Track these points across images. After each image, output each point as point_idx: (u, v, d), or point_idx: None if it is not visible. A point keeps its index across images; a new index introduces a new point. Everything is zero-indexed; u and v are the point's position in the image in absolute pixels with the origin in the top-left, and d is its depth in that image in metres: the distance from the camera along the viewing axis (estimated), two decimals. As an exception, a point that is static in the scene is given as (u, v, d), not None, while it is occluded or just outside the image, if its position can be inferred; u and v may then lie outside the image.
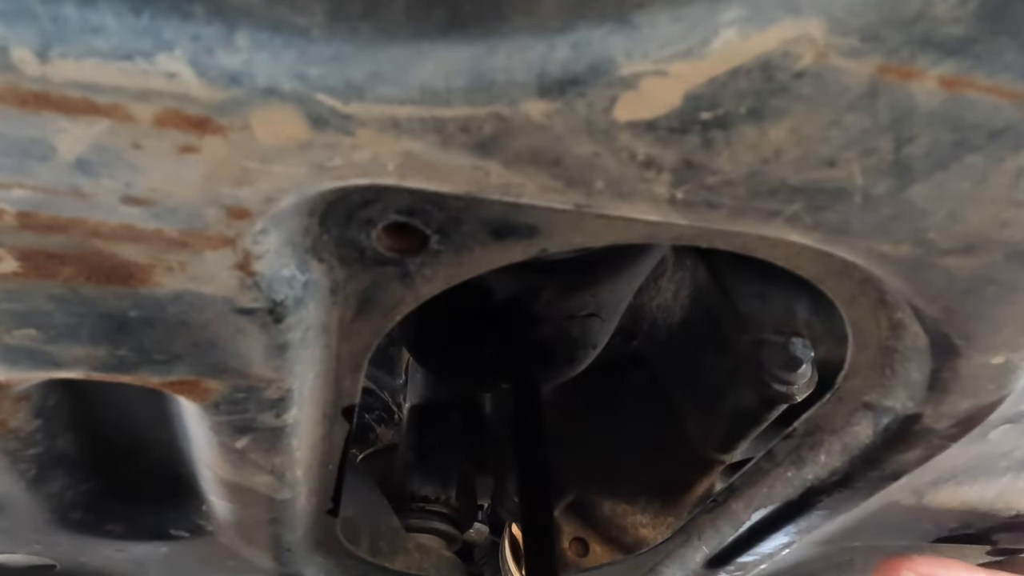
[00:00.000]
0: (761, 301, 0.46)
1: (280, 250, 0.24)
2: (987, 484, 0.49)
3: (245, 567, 0.47)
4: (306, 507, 0.42)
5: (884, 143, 0.20)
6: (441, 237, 0.26)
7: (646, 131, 0.20)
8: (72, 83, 0.18)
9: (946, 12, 0.18)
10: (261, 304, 0.25)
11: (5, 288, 0.24)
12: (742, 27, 0.18)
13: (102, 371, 0.27)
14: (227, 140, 0.20)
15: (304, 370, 0.29)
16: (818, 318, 0.47)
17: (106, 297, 0.24)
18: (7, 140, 0.20)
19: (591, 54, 0.18)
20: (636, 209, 0.22)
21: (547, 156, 0.21)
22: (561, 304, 0.41)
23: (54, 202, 0.21)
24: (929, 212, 0.22)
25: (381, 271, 0.27)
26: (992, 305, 0.26)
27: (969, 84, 0.19)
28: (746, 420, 0.53)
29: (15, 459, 0.34)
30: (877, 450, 0.38)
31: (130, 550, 0.44)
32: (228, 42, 0.18)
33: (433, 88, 0.19)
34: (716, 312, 0.49)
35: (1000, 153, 0.20)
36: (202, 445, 0.34)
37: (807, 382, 0.43)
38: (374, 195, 0.24)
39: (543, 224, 0.26)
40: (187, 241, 0.23)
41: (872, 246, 0.24)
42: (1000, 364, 0.30)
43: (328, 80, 0.19)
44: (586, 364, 0.51)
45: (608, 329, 0.47)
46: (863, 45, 0.18)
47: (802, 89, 0.19)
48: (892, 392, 0.34)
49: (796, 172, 0.21)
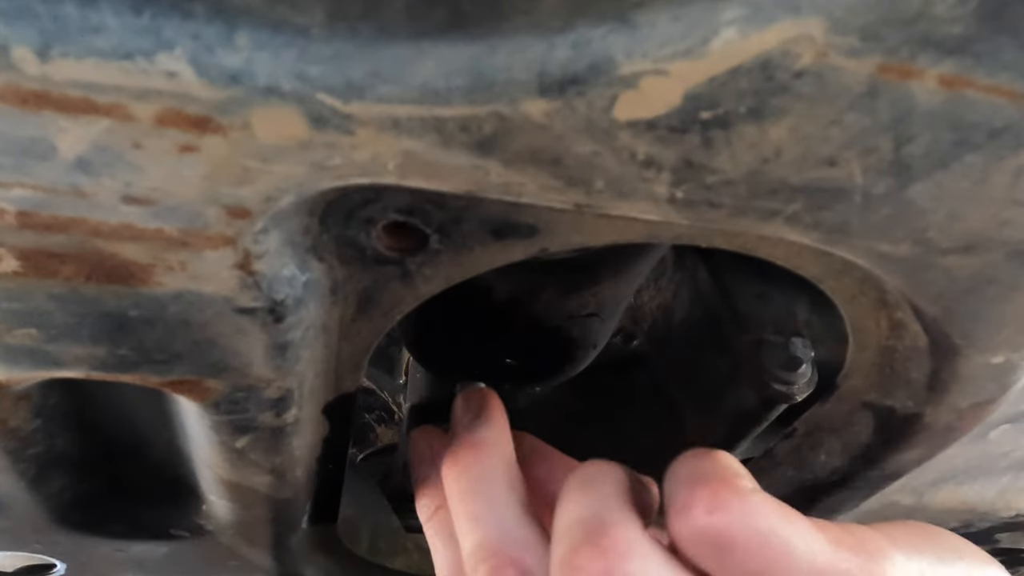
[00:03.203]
0: (761, 301, 0.46)
1: (280, 249, 0.24)
2: (987, 484, 0.49)
3: (245, 567, 0.47)
4: (306, 507, 0.42)
5: (884, 142, 0.20)
6: (441, 236, 0.26)
7: (646, 130, 0.20)
8: (72, 82, 0.18)
9: (946, 11, 0.18)
10: (261, 303, 0.25)
11: (5, 287, 0.24)
12: (742, 26, 0.18)
13: (102, 370, 0.27)
14: (227, 139, 0.20)
15: (304, 370, 0.29)
16: (818, 318, 0.47)
17: (106, 296, 0.24)
18: (7, 139, 0.20)
19: (591, 53, 0.18)
20: (636, 208, 0.22)
21: (547, 155, 0.21)
22: (561, 304, 0.41)
23: (54, 201, 0.21)
24: (929, 211, 0.22)
25: (381, 270, 0.27)
26: (992, 304, 0.26)
27: (969, 83, 0.19)
28: (746, 420, 0.53)
29: (15, 459, 0.34)
30: (877, 450, 0.38)
31: (130, 550, 0.44)
32: (228, 41, 0.18)
33: (433, 87, 0.19)
34: (716, 312, 0.49)
35: (1000, 152, 0.20)
36: (202, 445, 0.34)
37: (807, 382, 0.43)
38: (374, 194, 0.24)
39: (543, 223, 0.26)
40: (187, 240, 0.23)
41: (872, 245, 0.24)
42: (1000, 364, 0.30)
43: (328, 79, 0.19)
44: (586, 364, 0.51)
45: (608, 329, 0.47)
46: (863, 44, 0.18)
47: (802, 88, 0.19)
48: (892, 392, 0.35)
49: (796, 171, 0.21)
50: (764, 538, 0.26)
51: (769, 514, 0.27)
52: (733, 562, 0.26)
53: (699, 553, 0.27)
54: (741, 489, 0.27)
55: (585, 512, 0.29)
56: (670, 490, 0.29)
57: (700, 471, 0.28)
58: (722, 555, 0.26)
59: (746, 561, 0.26)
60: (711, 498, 0.26)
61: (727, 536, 0.26)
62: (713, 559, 0.27)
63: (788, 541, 0.26)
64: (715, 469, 0.28)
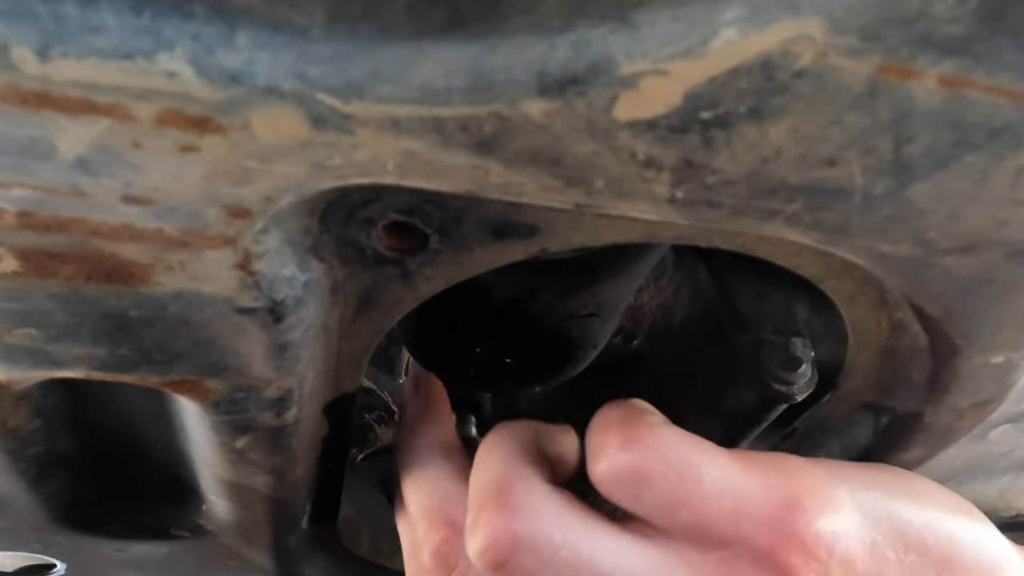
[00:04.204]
0: (761, 301, 0.46)
1: (280, 249, 0.24)
2: (987, 484, 0.49)
3: (245, 567, 0.47)
4: (306, 507, 0.42)
5: (884, 142, 0.20)
6: (441, 236, 0.26)
7: (646, 130, 0.20)
8: (72, 82, 0.18)
9: (946, 11, 0.18)
10: (261, 303, 0.25)
11: (5, 287, 0.24)
12: (742, 26, 0.18)
13: (102, 370, 0.27)
14: (227, 139, 0.20)
15: (304, 370, 0.29)
16: (818, 318, 0.47)
17: (106, 296, 0.24)
18: (7, 139, 0.20)
19: (591, 53, 0.18)
20: (636, 208, 0.22)
21: (547, 155, 0.21)
22: (561, 304, 0.40)
23: (54, 201, 0.21)
24: (929, 211, 0.22)
25: (381, 270, 0.27)
26: (992, 304, 0.26)
27: (969, 83, 0.19)
28: (746, 420, 0.53)
29: (15, 459, 0.34)
30: (877, 450, 0.38)
31: (130, 550, 0.44)
32: (228, 41, 0.18)
33: (433, 87, 0.19)
34: (716, 312, 0.49)
35: (1000, 152, 0.20)
36: (202, 445, 0.34)
37: (807, 382, 0.43)
38: (374, 194, 0.24)
39: (543, 223, 0.26)
40: (187, 240, 0.23)
41: (872, 245, 0.24)
42: (1000, 364, 0.30)
43: (328, 79, 0.19)
44: (586, 364, 0.51)
45: (608, 329, 0.47)
46: (863, 44, 0.18)
47: (802, 88, 0.19)
48: (892, 392, 0.34)
49: (796, 171, 0.21)
50: (678, 468, 0.26)
51: (680, 444, 0.27)
52: (650, 495, 0.26)
53: (617, 493, 0.27)
54: (651, 423, 0.27)
55: (487, 476, 0.30)
56: (588, 440, 0.29)
57: (612, 417, 0.29)
58: (639, 489, 0.26)
59: (662, 492, 0.26)
60: (622, 435, 0.27)
61: (641, 470, 0.26)
62: (630, 496, 0.27)
63: (701, 469, 0.26)
64: (625, 412, 0.29)
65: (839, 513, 0.27)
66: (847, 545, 0.26)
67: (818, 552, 0.26)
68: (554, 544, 0.27)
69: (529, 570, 0.27)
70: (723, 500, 0.26)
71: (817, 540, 0.26)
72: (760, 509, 0.26)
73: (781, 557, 0.25)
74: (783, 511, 0.26)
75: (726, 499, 0.26)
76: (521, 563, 0.27)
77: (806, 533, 0.26)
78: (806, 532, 0.26)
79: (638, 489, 0.26)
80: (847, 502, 0.27)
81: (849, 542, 0.26)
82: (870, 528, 0.27)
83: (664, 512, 0.27)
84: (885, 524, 0.27)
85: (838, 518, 0.26)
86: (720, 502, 0.26)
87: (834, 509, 0.26)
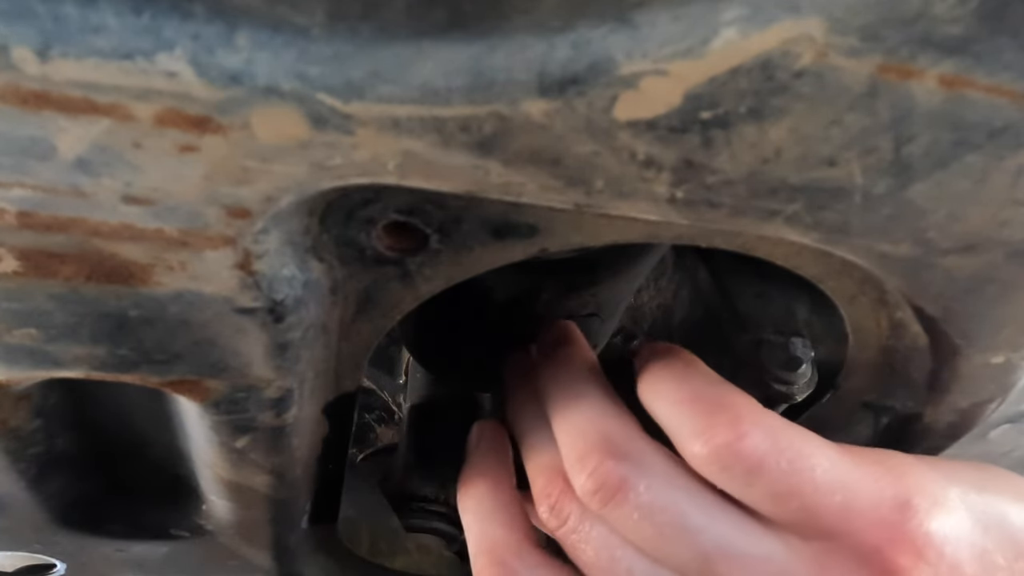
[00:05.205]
0: (761, 301, 0.46)
1: (280, 249, 0.24)
2: (987, 484, 0.49)
3: (245, 567, 0.47)
4: (306, 507, 0.42)
5: (884, 142, 0.20)
6: (441, 236, 0.26)
7: (646, 130, 0.20)
8: (72, 82, 0.18)
9: (946, 11, 0.18)
10: (261, 304, 0.25)
11: (5, 287, 0.24)
12: (742, 26, 0.18)
13: (102, 370, 0.27)
14: (227, 139, 0.20)
15: (304, 370, 0.29)
16: (818, 318, 0.47)
17: (106, 296, 0.24)
18: (7, 139, 0.20)
19: (591, 53, 0.18)
20: (636, 208, 0.22)
21: (547, 155, 0.21)
22: (561, 304, 0.40)
23: (54, 201, 0.21)
24: (929, 211, 0.22)
25: (381, 270, 0.27)
26: (992, 304, 0.26)
27: (969, 83, 0.19)
28: (746, 420, 0.53)
29: (15, 459, 0.34)
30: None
31: (130, 550, 0.44)
32: (228, 41, 0.18)
33: (433, 87, 0.19)
34: (716, 312, 0.49)
35: (1000, 152, 0.20)
36: (202, 445, 0.34)
37: (807, 382, 0.43)
38: (374, 194, 0.24)
39: (543, 223, 0.26)
40: (187, 240, 0.23)
41: (872, 245, 0.24)
42: (1000, 363, 0.30)
43: (328, 79, 0.19)
44: (586, 364, 0.51)
45: (608, 329, 0.47)
46: (863, 44, 0.18)
47: (802, 88, 0.19)
48: (892, 392, 0.34)
49: (796, 171, 0.21)
50: (789, 456, 0.25)
51: (790, 432, 0.26)
52: (761, 484, 0.26)
53: (723, 478, 0.26)
54: (751, 404, 0.27)
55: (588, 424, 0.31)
56: (668, 411, 0.28)
57: (697, 387, 0.28)
58: (750, 477, 0.26)
59: (774, 482, 0.25)
60: (729, 415, 0.26)
61: (754, 457, 0.25)
62: (740, 483, 0.26)
63: (813, 459, 0.26)
64: (713, 386, 0.28)
65: (951, 515, 0.26)
66: (956, 548, 0.25)
67: (928, 554, 0.25)
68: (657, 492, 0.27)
69: (633, 509, 0.27)
70: (834, 494, 0.25)
71: (928, 542, 0.25)
72: (870, 506, 0.25)
73: (889, 556, 0.25)
74: (894, 510, 0.25)
75: (837, 493, 0.25)
76: (631, 500, 0.27)
77: (917, 534, 0.25)
78: (917, 533, 0.25)
79: (749, 477, 0.26)
80: (958, 504, 0.26)
81: (959, 545, 0.26)
82: (980, 532, 0.26)
83: (773, 501, 0.26)
84: (995, 528, 0.27)
85: (949, 520, 0.26)
86: (831, 495, 0.25)
87: (946, 511, 0.26)
